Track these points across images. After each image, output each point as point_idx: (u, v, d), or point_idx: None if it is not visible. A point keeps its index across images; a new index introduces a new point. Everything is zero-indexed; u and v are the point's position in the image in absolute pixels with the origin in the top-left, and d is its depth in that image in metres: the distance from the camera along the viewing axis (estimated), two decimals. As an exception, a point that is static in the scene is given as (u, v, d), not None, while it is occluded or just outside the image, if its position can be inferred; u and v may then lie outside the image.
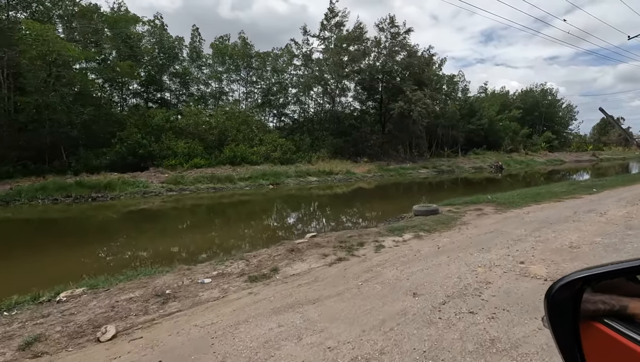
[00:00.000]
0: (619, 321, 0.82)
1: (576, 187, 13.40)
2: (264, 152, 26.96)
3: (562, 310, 0.89)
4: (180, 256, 7.39)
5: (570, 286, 0.88)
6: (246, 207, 15.59)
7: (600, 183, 14.59)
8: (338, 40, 31.73)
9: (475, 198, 10.79)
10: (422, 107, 29.46)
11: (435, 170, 29.60)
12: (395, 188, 21.56)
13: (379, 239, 6.38)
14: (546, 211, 8.64)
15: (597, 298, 0.88)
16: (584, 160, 47.98)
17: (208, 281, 4.58)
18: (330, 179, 23.24)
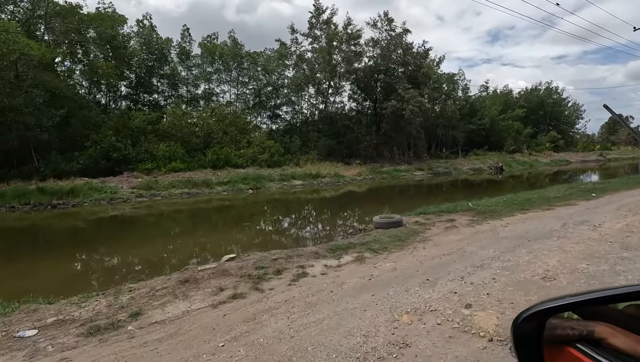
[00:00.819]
0: (588, 345, 0.86)
1: (574, 191, 11.92)
2: (251, 155, 25.78)
3: (528, 339, 0.92)
4: (64, 285, 6.12)
5: (535, 316, 0.92)
6: (209, 215, 14.22)
7: (602, 186, 13.08)
8: (328, 38, 30.35)
9: (454, 206, 9.40)
10: (414, 106, 28.01)
11: (431, 172, 28.12)
12: (383, 192, 20.18)
13: (307, 264, 5.07)
14: (529, 222, 7.24)
15: (567, 323, 0.93)
16: (591, 160, 45.97)
17: (29, 334, 3.32)
18: (317, 182, 21.93)
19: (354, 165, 27.30)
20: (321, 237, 9.05)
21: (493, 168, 31.39)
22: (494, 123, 44.16)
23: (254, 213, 14.35)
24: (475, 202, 9.97)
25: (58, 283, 6.09)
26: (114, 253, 8.47)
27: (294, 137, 29.50)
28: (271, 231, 11.04)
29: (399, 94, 28.77)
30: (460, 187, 22.53)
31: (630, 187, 12.59)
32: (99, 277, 6.69)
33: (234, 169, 23.25)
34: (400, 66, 32.53)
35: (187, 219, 13.77)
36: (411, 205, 14.51)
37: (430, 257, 5.19)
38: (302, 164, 25.49)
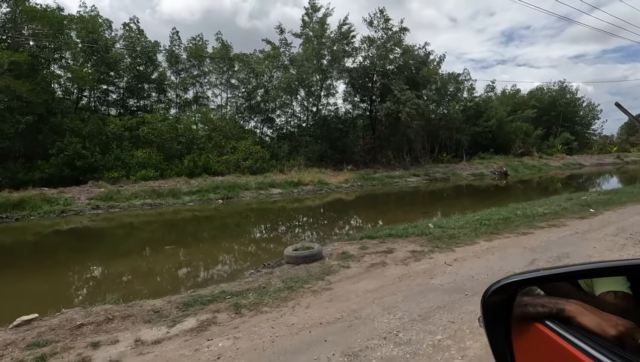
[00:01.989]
0: (558, 323, 0.86)
1: (570, 204, 9.88)
2: (235, 161, 24.30)
3: (496, 311, 0.93)
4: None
5: (505, 289, 0.92)
6: (144, 232, 12.37)
7: (605, 198, 10.95)
8: (317, 35, 28.58)
9: (410, 228, 7.56)
10: (411, 108, 26.02)
11: (427, 178, 26.04)
12: (364, 202, 18.30)
13: (111, 338, 3.36)
14: (486, 257, 5.36)
15: (538, 301, 0.94)
16: (607, 163, 42.86)
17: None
18: (297, 191, 20.21)
19: (343, 172, 25.48)
20: (220, 273, 7.24)
21: (496, 173, 29.06)
22: (502, 125, 41.64)
23: (198, 230, 12.67)
24: (438, 222, 8.08)
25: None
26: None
27: (281, 143, 27.88)
28: (173, 259, 8.97)
29: (395, 95, 26.84)
30: (452, 195, 20.46)
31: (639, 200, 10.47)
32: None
33: (211, 176, 21.76)
34: (399, 67, 30.63)
35: (109, 238, 12.05)
36: (386, 219, 12.69)
37: (299, 327, 3.41)
38: (286, 170, 23.81)
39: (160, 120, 24.37)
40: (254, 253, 8.93)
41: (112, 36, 27.43)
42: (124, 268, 7.72)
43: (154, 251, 9.11)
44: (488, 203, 14.64)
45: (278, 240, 10.46)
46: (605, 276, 0.92)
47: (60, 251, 10.14)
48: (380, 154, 30.11)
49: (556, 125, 51.50)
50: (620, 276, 0.91)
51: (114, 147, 20.94)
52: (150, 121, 23.96)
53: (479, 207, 12.27)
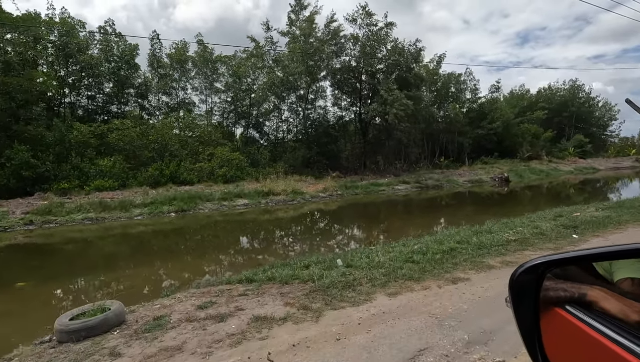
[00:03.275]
0: (579, 308, 0.86)
1: (552, 225, 7.61)
2: (209, 169, 22.59)
3: (524, 292, 0.92)
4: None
5: (533, 269, 0.92)
6: (31, 261, 10.63)
7: (602, 214, 8.60)
8: (307, 36, 26.75)
9: (315, 263, 5.50)
10: (399, 109, 23.78)
11: (418, 185, 23.69)
12: (331, 216, 16.17)
13: None
14: (349, 341, 3.24)
15: (560, 285, 0.93)
16: (624, 167, 39.38)
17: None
18: (266, 202, 18.25)
19: (325, 179, 23.41)
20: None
21: (496, 179, 26.45)
22: (509, 127, 38.85)
23: (103, 254, 10.80)
24: (354, 256, 5.94)
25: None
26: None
27: (262, 149, 26.05)
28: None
29: (381, 96, 24.69)
30: (436, 206, 18.13)
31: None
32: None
33: (178, 186, 20.08)
34: (388, 65, 28.46)
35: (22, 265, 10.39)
36: (329, 240, 10.57)
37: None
38: (262, 178, 21.90)
39: (131, 127, 22.86)
40: (116, 292, 6.97)
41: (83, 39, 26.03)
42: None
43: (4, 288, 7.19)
44: (469, 218, 12.40)
45: (176, 272, 8.51)
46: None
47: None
48: (369, 160, 27.92)
49: (569, 127, 48.17)
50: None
51: (73, 155, 19.46)
52: (120, 127, 22.49)
53: (455, 222, 10.14)
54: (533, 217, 8.94)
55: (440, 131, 36.55)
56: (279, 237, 12.20)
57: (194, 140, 24.74)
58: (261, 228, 13.83)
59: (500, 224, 8.22)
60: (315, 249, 9.10)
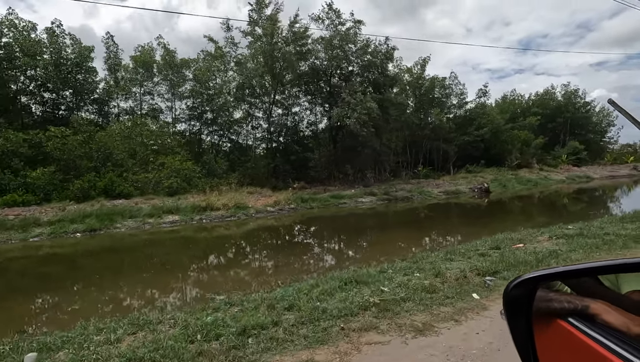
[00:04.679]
0: (582, 320, 0.86)
1: (464, 268, 5.30)
2: (155, 180, 20.49)
3: (518, 305, 0.93)
4: None
5: (526, 283, 0.92)
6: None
7: (549, 248, 6.27)
8: (269, 36, 24.66)
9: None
10: (361, 113, 21.54)
11: (386, 197, 21.32)
12: (266, 237, 13.88)
13: None
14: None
15: (562, 297, 0.93)
16: (621, 175, 36.70)
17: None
18: (199, 218, 16.00)
19: (283, 191, 21.15)
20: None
21: (476, 190, 24.04)
22: (498, 134, 36.49)
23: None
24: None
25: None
26: None
27: (218, 158, 23.89)
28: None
29: (343, 98, 22.51)
30: (388, 225, 15.73)
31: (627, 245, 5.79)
32: None
33: (111, 200, 17.93)
34: (360, 67, 26.36)
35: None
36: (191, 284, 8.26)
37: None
38: (209, 191, 19.68)
39: (72, 134, 20.82)
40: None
41: (32, 42, 24.16)
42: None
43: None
44: (411, 240, 10.11)
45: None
46: (630, 272, 0.90)
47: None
48: (337, 170, 25.64)
49: (564, 133, 45.64)
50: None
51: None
52: (59, 135, 20.46)
53: (387, 251, 7.84)
54: (455, 251, 6.60)
55: (423, 138, 34.33)
56: (178, 268, 9.91)
57: (144, 149, 22.66)
58: (169, 254, 11.56)
59: (402, 264, 5.89)
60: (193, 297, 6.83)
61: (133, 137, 23.64)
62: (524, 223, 13.06)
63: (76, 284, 8.55)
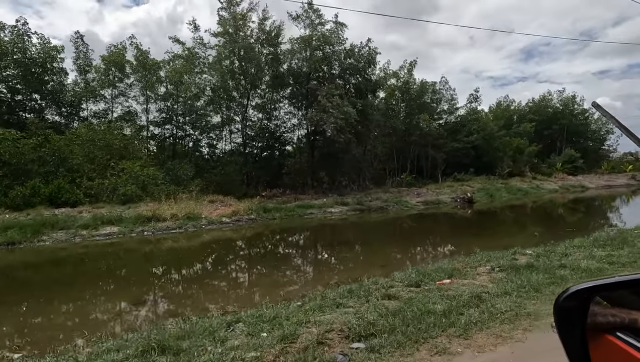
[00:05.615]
0: (630, 334, 0.82)
1: (372, 314, 3.77)
2: (110, 186, 19.08)
3: (570, 318, 0.89)
4: None
5: (578, 295, 0.88)
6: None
7: (477, 289, 4.72)
8: (244, 38, 23.31)
9: None
10: (338, 118, 20.08)
11: (359, 207, 19.72)
12: (205, 253, 12.36)
13: None
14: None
15: (608, 311, 0.90)
16: (618, 184, 34.83)
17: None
18: (141, 230, 14.48)
19: (248, 200, 19.64)
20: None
21: (459, 200, 22.38)
22: (491, 140, 34.90)
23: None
24: None
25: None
26: None
27: (183, 163, 22.44)
28: None
29: (319, 102, 21.06)
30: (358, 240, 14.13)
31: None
32: None
33: (56, 208, 16.52)
34: (342, 70, 24.96)
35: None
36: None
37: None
38: (164, 199, 18.17)
39: (24, 137, 19.50)
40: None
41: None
42: None
43: None
44: (351, 265, 8.56)
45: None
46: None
47: None
48: (313, 177, 24.11)
49: (560, 141, 43.92)
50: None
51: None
52: (8, 138, 19.14)
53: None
54: (361, 288, 5.04)
55: (411, 145, 32.79)
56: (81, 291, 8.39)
57: (104, 153, 21.25)
58: (76, 277, 10.03)
59: (275, 310, 4.34)
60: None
61: (96, 141, 22.28)
62: (498, 240, 11.56)
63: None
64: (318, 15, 23.75)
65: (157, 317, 6.26)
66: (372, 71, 25.84)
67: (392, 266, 7.89)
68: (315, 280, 7.97)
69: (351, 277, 6.73)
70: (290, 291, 6.83)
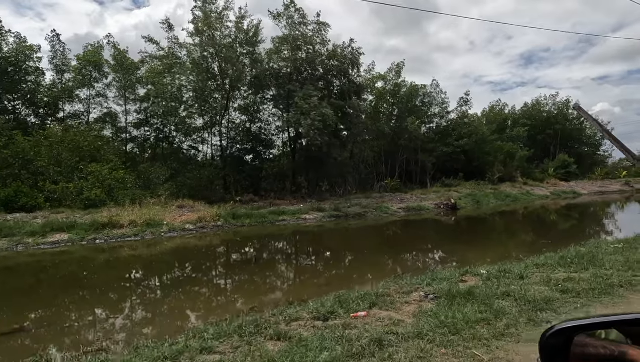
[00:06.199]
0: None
1: None
2: (76, 190, 18.19)
3: (554, 354, 0.93)
4: None
5: (562, 332, 0.93)
6: None
7: (379, 328, 3.80)
8: (210, 30, 22.24)
9: None
10: (315, 120, 19.17)
11: (336, 213, 18.75)
12: (152, 267, 11.38)
13: None
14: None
15: (598, 343, 0.93)
16: (611, 191, 33.84)
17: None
18: (93, 238, 13.51)
19: (221, 205, 18.70)
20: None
21: (442, 206, 21.42)
22: (482, 144, 34.00)
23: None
24: None
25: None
26: None
27: (155, 165, 21.53)
28: None
29: (296, 103, 20.17)
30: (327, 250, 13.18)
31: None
32: None
33: (10, 213, 15.61)
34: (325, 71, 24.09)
35: None
36: None
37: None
38: (128, 204, 17.24)
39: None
40: None
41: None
42: None
43: None
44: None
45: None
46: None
47: None
48: (292, 182, 23.18)
49: (554, 146, 43.01)
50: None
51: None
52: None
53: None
54: (244, 325, 4.09)
55: (400, 149, 31.88)
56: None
57: (72, 156, 20.33)
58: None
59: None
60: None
61: (65, 142, 21.38)
62: (467, 252, 10.67)
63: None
64: (301, 14, 22.94)
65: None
66: (357, 72, 24.95)
67: (334, 286, 6.96)
68: (228, 305, 7.03)
69: (274, 302, 5.81)
70: (180, 323, 5.88)
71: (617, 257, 6.37)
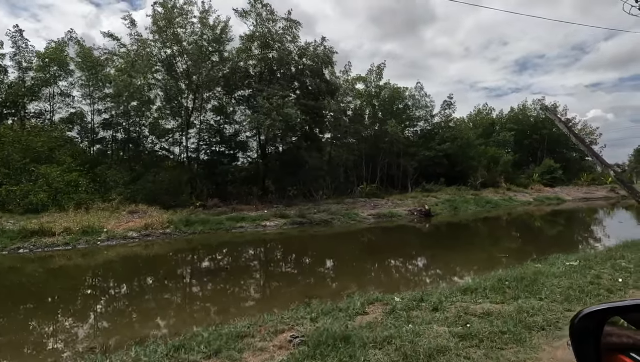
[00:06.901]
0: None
1: None
2: (21, 193, 16.93)
3: (585, 337, 0.90)
4: None
5: (592, 316, 0.90)
6: None
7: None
8: (171, 27, 21.06)
9: None
10: (276, 120, 18.00)
11: (300, 220, 17.54)
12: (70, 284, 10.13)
13: None
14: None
15: (623, 332, 0.91)
16: (596, 197, 32.88)
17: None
18: (18, 247, 12.25)
19: (183, 210, 17.47)
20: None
21: (415, 213, 20.27)
22: (467, 149, 33.05)
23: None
24: None
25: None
26: None
27: (112, 168, 20.27)
28: None
29: (258, 102, 19.01)
30: (280, 261, 11.99)
31: None
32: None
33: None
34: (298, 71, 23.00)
35: None
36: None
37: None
38: (72, 210, 15.95)
39: None
40: None
41: None
42: None
43: None
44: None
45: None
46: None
47: None
48: (261, 186, 21.96)
49: (541, 151, 42.12)
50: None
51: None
52: None
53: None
54: None
55: (381, 152, 30.80)
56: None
57: (22, 157, 19.05)
58: None
59: None
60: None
61: (18, 143, 20.10)
62: (434, 264, 9.56)
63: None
64: (269, 10, 21.85)
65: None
66: (331, 73, 23.86)
67: (224, 315, 5.76)
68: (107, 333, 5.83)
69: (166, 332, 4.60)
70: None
71: (561, 282, 5.22)
